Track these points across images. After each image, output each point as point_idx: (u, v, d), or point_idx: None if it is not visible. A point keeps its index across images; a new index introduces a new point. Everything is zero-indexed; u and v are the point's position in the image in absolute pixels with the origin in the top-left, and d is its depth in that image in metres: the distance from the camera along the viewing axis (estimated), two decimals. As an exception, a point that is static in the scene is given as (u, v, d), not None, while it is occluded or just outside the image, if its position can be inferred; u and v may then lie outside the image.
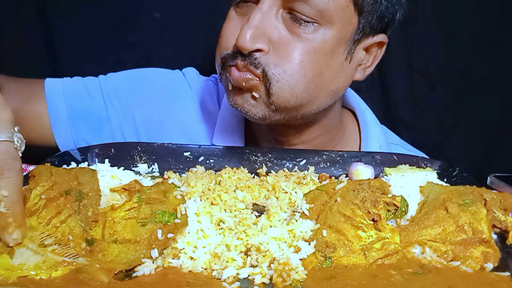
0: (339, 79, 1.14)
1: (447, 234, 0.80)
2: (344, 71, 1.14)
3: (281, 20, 1.06)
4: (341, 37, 1.08)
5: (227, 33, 1.12)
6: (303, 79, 1.07)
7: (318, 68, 1.08)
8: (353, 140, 1.37)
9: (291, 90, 1.07)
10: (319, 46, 1.06)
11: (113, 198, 0.85)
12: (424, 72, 1.70)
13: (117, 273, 0.71)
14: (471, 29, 1.64)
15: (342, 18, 1.06)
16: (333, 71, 1.11)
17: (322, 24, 1.05)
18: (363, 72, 1.20)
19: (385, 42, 1.17)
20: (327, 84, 1.12)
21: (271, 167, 1.09)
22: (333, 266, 0.75)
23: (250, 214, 0.88)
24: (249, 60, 1.05)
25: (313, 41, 1.05)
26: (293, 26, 1.05)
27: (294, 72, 1.06)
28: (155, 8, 1.65)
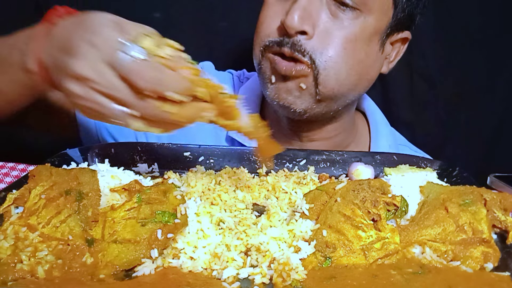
0: (374, 68, 1.18)
1: (447, 234, 0.80)
2: (378, 61, 1.18)
3: (326, 4, 1.08)
4: (378, 27, 1.12)
5: (268, 19, 1.13)
6: (346, 66, 1.10)
7: (359, 55, 1.11)
8: (363, 139, 1.38)
9: (336, 78, 1.10)
10: (359, 33, 1.09)
11: (113, 198, 0.85)
12: (424, 72, 1.70)
13: (117, 273, 0.72)
14: (471, 29, 1.64)
15: (381, 8, 1.10)
16: (370, 60, 1.15)
17: (363, 11, 1.08)
18: (388, 66, 1.24)
19: (409, 38, 1.21)
20: (364, 72, 1.15)
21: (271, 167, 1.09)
22: (333, 266, 0.75)
23: (250, 214, 0.88)
24: (295, 47, 1.07)
25: (354, 28, 1.09)
26: (337, 11, 1.08)
27: (338, 60, 1.09)
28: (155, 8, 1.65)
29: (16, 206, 0.83)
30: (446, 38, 1.66)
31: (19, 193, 0.84)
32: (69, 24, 0.82)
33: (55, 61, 0.80)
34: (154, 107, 0.75)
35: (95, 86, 0.74)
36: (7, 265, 0.69)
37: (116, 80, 0.74)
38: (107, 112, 0.76)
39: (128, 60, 0.73)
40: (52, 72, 0.82)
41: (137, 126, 0.77)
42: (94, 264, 0.73)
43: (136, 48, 0.74)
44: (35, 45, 0.84)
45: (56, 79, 0.80)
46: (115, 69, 0.74)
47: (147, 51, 0.75)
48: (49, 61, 0.82)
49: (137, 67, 0.73)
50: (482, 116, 1.73)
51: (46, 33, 0.83)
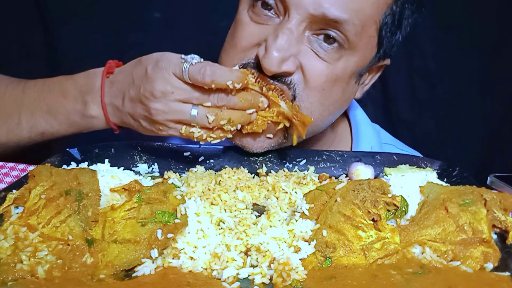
0: (348, 101, 1.17)
1: (447, 234, 0.80)
2: (352, 94, 1.16)
3: (307, 41, 1.01)
4: (360, 65, 1.08)
5: (242, 42, 1.05)
6: (320, 107, 1.06)
7: (335, 96, 1.08)
8: (344, 140, 1.36)
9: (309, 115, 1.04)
10: (340, 73, 1.04)
11: (113, 198, 0.85)
12: (424, 72, 1.70)
13: (117, 273, 0.72)
14: (471, 29, 1.64)
15: (365, 47, 1.05)
16: (346, 96, 1.13)
17: (347, 49, 1.02)
18: (361, 91, 1.21)
19: (388, 64, 1.19)
20: (338, 109, 1.15)
21: (271, 167, 1.09)
22: (333, 266, 0.75)
23: (250, 214, 0.88)
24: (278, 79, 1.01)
25: (336, 68, 1.03)
26: (319, 49, 1.01)
27: (314, 100, 1.04)
28: (155, 8, 1.65)
29: (16, 206, 0.83)
30: (446, 38, 1.66)
31: (19, 193, 0.84)
32: (127, 68, 1.04)
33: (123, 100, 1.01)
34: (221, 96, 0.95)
35: (174, 96, 0.95)
36: (7, 265, 0.69)
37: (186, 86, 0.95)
38: (187, 117, 0.96)
39: (189, 65, 0.93)
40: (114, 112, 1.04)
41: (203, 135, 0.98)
42: (94, 264, 0.73)
43: (192, 56, 0.96)
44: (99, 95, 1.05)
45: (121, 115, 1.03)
46: (182, 78, 0.94)
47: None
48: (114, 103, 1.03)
49: (197, 67, 0.93)
50: (482, 116, 1.73)
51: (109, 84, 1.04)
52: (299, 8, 0.97)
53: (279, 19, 1.01)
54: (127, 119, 1.03)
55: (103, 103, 1.04)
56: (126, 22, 1.66)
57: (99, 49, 1.67)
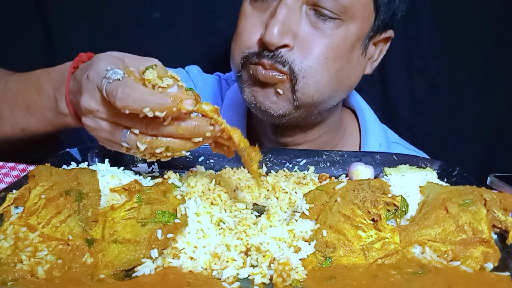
0: (356, 73, 1.17)
1: (447, 234, 0.80)
2: (360, 66, 1.17)
3: (305, 15, 1.07)
4: (360, 33, 1.11)
5: (247, 30, 1.11)
6: (327, 74, 1.09)
7: (340, 64, 1.10)
8: (353, 138, 1.38)
9: (316, 86, 1.09)
10: (341, 42, 1.08)
11: (113, 198, 0.85)
12: (424, 72, 1.70)
13: (117, 273, 0.72)
14: (471, 29, 1.64)
15: (362, 14, 1.09)
16: (352, 66, 1.14)
17: (345, 20, 1.07)
18: (371, 66, 1.23)
19: (392, 36, 1.21)
20: (346, 79, 1.15)
21: (271, 167, 1.09)
22: (333, 266, 0.75)
23: (250, 214, 0.88)
24: (276, 58, 1.06)
25: (336, 37, 1.07)
26: (317, 21, 1.06)
27: (319, 68, 1.08)
28: (155, 8, 1.65)
29: (16, 206, 0.83)
30: (446, 38, 1.66)
31: (19, 193, 0.84)
32: (82, 67, 0.92)
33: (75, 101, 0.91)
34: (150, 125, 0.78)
35: (99, 115, 0.83)
36: (7, 265, 0.69)
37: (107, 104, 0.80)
38: (118, 141, 0.82)
39: (106, 82, 0.78)
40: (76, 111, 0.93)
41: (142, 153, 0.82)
42: (94, 264, 0.73)
43: (114, 71, 0.78)
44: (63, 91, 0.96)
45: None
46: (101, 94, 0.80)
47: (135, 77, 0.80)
48: (74, 102, 0.93)
49: (111, 86, 0.77)
50: (482, 116, 1.73)
51: (71, 79, 0.95)
52: None
53: (277, 1, 1.07)
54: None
55: (67, 99, 0.96)
56: (126, 22, 1.66)
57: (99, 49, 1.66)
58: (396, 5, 1.15)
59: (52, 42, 1.67)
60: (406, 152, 1.37)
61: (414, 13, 1.59)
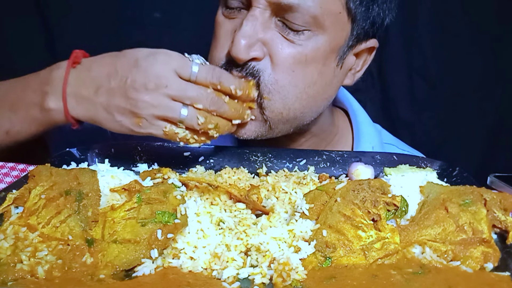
0: (332, 86, 1.12)
1: (447, 234, 0.80)
2: (336, 78, 1.12)
3: (274, 25, 1.02)
4: (333, 44, 1.05)
5: (220, 40, 1.08)
6: (294, 90, 1.05)
7: (311, 78, 1.06)
8: (345, 139, 1.35)
9: (283, 102, 1.05)
10: (311, 53, 1.03)
11: (113, 198, 0.85)
12: (424, 72, 1.70)
13: (117, 273, 0.72)
14: (471, 29, 1.64)
15: (334, 25, 1.03)
16: (326, 79, 1.09)
17: (315, 31, 1.02)
18: (353, 77, 1.18)
19: (376, 47, 1.16)
20: (320, 93, 1.10)
21: (271, 167, 1.09)
22: (333, 266, 0.75)
23: (250, 214, 0.88)
24: (246, 70, 1.02)
25: (306, 48, 1.02)
26: (285, 33, 1.02)
27: (285, 83, 1.03)
28: (155, 8, 1.66)
29: (16, 206, 0.83)
30: (446, 38, 1.66)
31: (19, 193, 0.84)
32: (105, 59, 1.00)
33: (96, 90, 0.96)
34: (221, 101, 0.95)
35: (167, 91, 0.93)
36: (7, 265, 0.69)
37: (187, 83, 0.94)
38: (176, 116, 0.93)
39: (199, 66, 0.95)
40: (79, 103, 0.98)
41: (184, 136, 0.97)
42: (94, 264, 0.73)
43: (198, 56, 0.98)
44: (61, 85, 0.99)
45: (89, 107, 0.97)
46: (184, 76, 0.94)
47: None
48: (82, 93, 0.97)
49: (207, 67, 0.96)
50: (482, 116, 1.73)
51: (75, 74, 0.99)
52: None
53: (246, 11, 1.04)
54: (96, 111, 0.97)
55: (64, 93, 0.97)
56: (126, 22, 1.66)
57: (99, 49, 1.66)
58: (376, 13, 1.09)
59: (52, 42, 1.67)
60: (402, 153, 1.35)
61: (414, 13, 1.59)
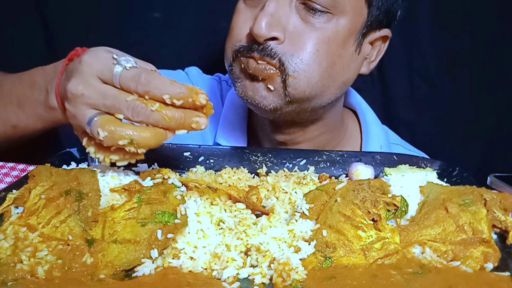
0: (349, 70, 1.16)
1: (447, 234, 0.80)
2: (354, 63, 1.16)
3: (295, 9, 1.07)
4: (352, 27, 1.10)
5: (238, 25, 1.12)
6: (319, 69, 1.08)
7: (332, 58, 1.09)
8: (354, 139, 1.37)
9: (307, 80, 1.08)
10: (332, 35, 1.07)
11: (113, 198, 0.85)
12: (424, 72, 1.70)
13: (117, 273, 0.72)
14: (471, 29, 1.64)
15: (354, 8, 1.08)
16: (344, 62, 1.13)
17: (335, 13, 1.06)
18: (368, 66, 1.22)
19: (389, 36, 1.19)
20: (339, 74, 1.13)
21: (271, 167, 1.09)
22: (333, 266, 0.75)
23: (250, 214, 0.88)
24: (265, 51, 1.06)
25: (326, 30, 1.07)
26: (307, 15, 1.06)
27: (310, 62, 1.07)
28: (155, 8, 1.65)
29: (16, 206, 0.83)
30: (446, 38, 1.66)
31: (19, 193, 0.84)
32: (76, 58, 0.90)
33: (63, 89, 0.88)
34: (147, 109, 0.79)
35: (83, 99, 0.82)
36: (7, 265, 0.69)
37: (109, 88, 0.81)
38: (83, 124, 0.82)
39: (122, 69, 0.81)
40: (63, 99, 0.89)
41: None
42: (94, 264, 0.73)
43: (126, 58, 0.82)
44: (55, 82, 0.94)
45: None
46: (108, 81, 0.82)
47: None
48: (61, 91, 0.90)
49: (131, 72, 0.80)
50: (482, 116, 1.73)
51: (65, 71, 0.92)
52: None
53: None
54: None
55: (56, 92, 0.94)
56: (126, 22, 1.66)
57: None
58: (391, 3, 1.14)
59: (53, 42, 1.67)
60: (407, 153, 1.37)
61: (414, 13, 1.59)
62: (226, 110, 1.35)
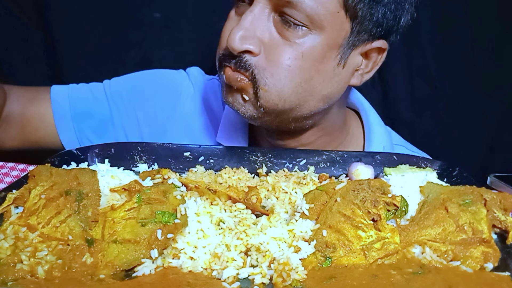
0: (331, 84, 1.13)
1: (447, 234, 0.80)
2: (337, 77, 1.13)
3: (273, 22, 1.06)
4: (332, 42, 1.07)
5: (225, 32, 1.12)
6: (290, 84, 1.07)
7: (307, 73, 1.07)
8: (356, 140, 1.37)
9: (278, 94, 1.07)
10: (308, 51, 1.05)
11: (113, 198, 0.85)
12: (424, 72, 1.70)
13: (117, 273, 0.72)
14: (471, 29, 1.64)
15: (332, 24, 1.04)
16: (325, 76, 1.10)
17: (312, 29, 1.04)
18: (360, 78, 1.18)
19: (385, 48, 1.15)
20: (317, 89, 1.11)
21: (271, 167, 1.09)
22: (333, 266, 0.75)
23: (250, 214, 0.88)
24: (239, 63, 1.06)
25: (302, 46, 1.05)
26: (283, 29, 1.05)
27: (281, 77, 1.06)
28: (155, 8, 1.65)
29: (16, 206, 0.83)
30: (446, 38, 1.66)
31: (19, 193, 0.84)
32: None
33: None
34: None
35: None
36: (7, 265, 0.69)
37: None
38: None
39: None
40: None
41: None
42: (94, 264, 0.73)
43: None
44: None
45: None
46: None
47: None
48: None
49: None
50: (482, 116, 1.73)
51: None
52: None
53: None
54: None
55: None
56: (126, 22, 1.66)
57: (99, 49, 1.67)
58: (381, 14, 1.08)
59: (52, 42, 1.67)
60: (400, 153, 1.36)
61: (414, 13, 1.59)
62: (228, 110, 1.35)
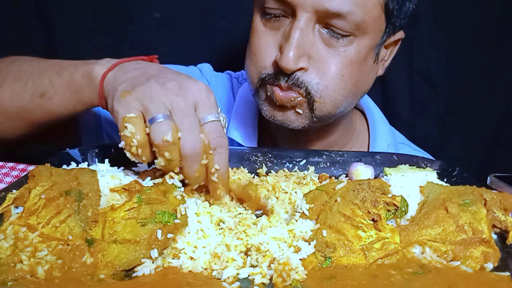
0: (369, 80, 1.19)
1: (447, 234, 0.80)
2: (373, 73, 1.19)
3: (318, 34, 1.07)
4: (373, 44, 1.11)
5: (261, 50, 1.12)
6: (344, 91, 1.11)
7: (355, 77, 1.11)
8: (362, 138, 1.39)
9: (333, 103, 1.11)
10: (355, 57, 1.09)
11: (113, 198, 0.85)
12: (424, 72, 1.70)
13: (117, 273, 0.72)
14: (471, 29, 1.64)
15: (374, 27, 1.09)
16: (365, 76, 1.15)
17: (357, 35, 1.07)
18: (383, 67, 1.24)
19: (403, 37, 1.21)
20: (361, 89, 1.17)
21: (271, 167, 1.09)
22: (333, 266, 0.75)
23: (250, 214, 0.88)
24: (292, 81, 1.07)
25: (349, 53, 1.08)
26: (330, 40, 1.07)
27: (335, 87, 1.09)
28: (155, 8, 1.65)
29: (16, 206, 0.83)
30: (446, 38, 1.66)
31: (19, 193, 0.84)
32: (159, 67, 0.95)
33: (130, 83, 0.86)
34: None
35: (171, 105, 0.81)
36: (7, 265, 0.69)
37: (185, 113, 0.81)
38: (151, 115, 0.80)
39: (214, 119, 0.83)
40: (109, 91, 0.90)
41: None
42: (94, 264, 0.73)
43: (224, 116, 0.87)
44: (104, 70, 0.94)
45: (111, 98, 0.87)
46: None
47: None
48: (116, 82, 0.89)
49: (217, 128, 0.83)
50: (482, 116, 1.73)
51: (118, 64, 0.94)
52: (305, 7, 1.03)
53: (289, 20, 1.08)
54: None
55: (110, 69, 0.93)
56: (126, 22, 1.66)
57: (99, 49, 1.67)
58: (407, 8, 1.14)
59: (53, 42, 1.67)
60: (412, 153, 1.37)
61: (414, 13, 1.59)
62: (238, 105, 1.37)
